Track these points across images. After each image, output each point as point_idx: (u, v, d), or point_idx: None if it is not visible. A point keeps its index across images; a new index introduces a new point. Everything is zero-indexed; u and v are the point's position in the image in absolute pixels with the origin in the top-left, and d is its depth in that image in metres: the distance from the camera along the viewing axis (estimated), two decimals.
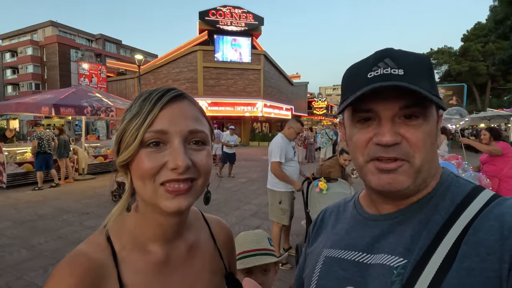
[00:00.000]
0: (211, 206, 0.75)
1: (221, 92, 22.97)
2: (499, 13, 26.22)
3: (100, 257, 0.50)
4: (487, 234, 0.43)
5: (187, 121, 0.51)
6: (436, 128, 0.52)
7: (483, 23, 33.93)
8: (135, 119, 0.49)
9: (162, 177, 0.48)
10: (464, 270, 0.42)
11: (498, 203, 0.46)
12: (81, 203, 6.01)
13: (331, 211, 0.72)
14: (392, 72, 0.48)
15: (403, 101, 0.48)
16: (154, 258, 0.55)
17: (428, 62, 0.51)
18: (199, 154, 0.51)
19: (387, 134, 0.48)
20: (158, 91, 0.52)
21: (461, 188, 0.52)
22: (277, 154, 3.30)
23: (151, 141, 0.49)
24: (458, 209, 0.48)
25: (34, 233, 4.35)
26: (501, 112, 16.70)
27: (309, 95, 40.61)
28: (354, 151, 0.54)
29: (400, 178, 0.49)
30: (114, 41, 47.68)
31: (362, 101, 0.50)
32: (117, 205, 0.54)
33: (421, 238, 0.48)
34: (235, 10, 23.75)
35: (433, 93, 0.49)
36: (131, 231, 0.55)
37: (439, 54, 37.24)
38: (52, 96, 8.16)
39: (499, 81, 34.24)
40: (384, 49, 0.52)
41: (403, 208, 0.53)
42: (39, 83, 41.31)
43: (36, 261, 3.46)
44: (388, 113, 0.49)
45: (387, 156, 0.49)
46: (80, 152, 8.98)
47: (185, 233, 0.61)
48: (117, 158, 0.52)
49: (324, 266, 0.60)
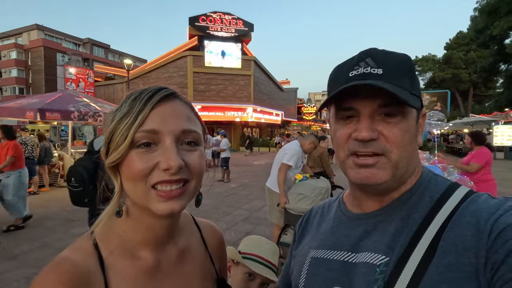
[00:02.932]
0: (201, 212, 0.74)
1: (211, 97, 22.92)
2: (479, 23, 27.38)
3: (86, 264, 0.48)
4: (464, 230, 0.44)
5: (179, 120, 0.49)
6: (415, 125, 0.53)
7: (465, 32, 35.30)
8: (125, 119, 0.47)
9: (154, 178, 0.46)
10: (443, 265, 0.43)
11: (473, 199, 0.48)
12: (66, 210, 5.83)
13: (316, 211, 0.73)
14: (372, 71, 0.50)
15: (380, 100, 0.49)
16: (144, 263, 0.53)
17: (409, 62, 0.53)
18: (192, 154, 0.50)
19: (364, 130, 0.50)
20: (149, 90, 0.50)
21: (438, 185, 0.53)
22: (291, 158, 3.45)
23: (142, 141, 0.47)
24: (436, 206, 0.50)
25: (17, 242, 4.19)
26: (483, 117, 17.31)
27: (299, 100, 41.05)
28: (337, 147, 0.56)
29: (378, 172, 0.50)
30: (102, 45, 47.02)
31: (344, 99, 0.52)
32: (106, 209, 0.52)
33: (402, 236, 0.49)
34: (225, 16, 23.88)
35: (413, 92, 0.51)
36: (119, 235, 0.53)
37: (423, 61, 38.46)
38: (38, 100, 7.94)
39: (481, 88, 35.61)
40: (368, 49, 0.54)
41: (385, 206, 0.55)
42: (23, 87, 40.15)
43: (19, 271, 3.33)
44: (367, 110, 0.50)
45: (365, 151, 0.50)
46: (66, 158, 8.75)
47: (176, 238, 0.60)
48: (106, 159, 0.50)
49: (311, 267, 0.60)
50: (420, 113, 0.55)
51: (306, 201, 3.03)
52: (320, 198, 3.00)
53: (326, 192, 3.07)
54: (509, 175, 10.73)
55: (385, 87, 0.47)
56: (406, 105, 0.48)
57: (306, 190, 3.07)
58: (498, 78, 32.47)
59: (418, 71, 38.98)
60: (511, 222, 0.41)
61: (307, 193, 3.04)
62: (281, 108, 29.41)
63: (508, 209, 0.43)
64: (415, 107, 0.50)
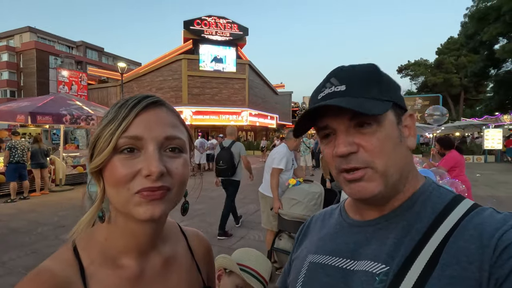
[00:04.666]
0: (196, 216, 0.73)
1: (206, 101, 22.90)
2: (469, 29, 27.97)
3: (66, 274, 0.47)
4: (467, 243, 0.44)
5: (164, 127, 0.50)
6: (397, 130, 0.53)
7: (456, 37, 36.03)
8: (110, 125, 0.48)
9: (136, 185, 0.46)
10: (445, 278, 0.43)
11: (477, 212, 0.48)
12: (57, 216, 5.73)
13: (317, 218, 0.73)
14: (335, 90, 0.53)
15: (349, 114, 0.50)
16: (127, 272, 0.52)
17: (373, 69, 0.54)
18: (175, 162, 0.50)
19: (341, 145, 0.51)
20: (135, 98, 0.51)
21: (441, 197, 0.53)
22: (280, 161, 3.47)
23: (125, 147, 0.47)
24: (439, 217, 0.49)
25: (5, 249, 4.09)
26: (474, 121, 17.61)
27: (293, 104, 41.29)
28: (328, 165, 0.57)
29: (368, 185, 0.50)
30: (96, 48, 46.74)
31: (320, 118, 0.54)
32: (85, 214, 0.51)
33: (403, 245, 0.49)
34: (220, 20, 23.99)
35: (383, 98, 0.51)
36: (101, 243, 0.52)
37: (416, 66, 39.07)
38: (29, 103, 7.83)
39: (472, 92, 36.27)
40: (335, 68, 0.57)
41: (386, 214, 0.54)
42: (15, 90, 39.63)
43: (7, 278, 3.24)
44: (341, 126, 0.52)
45: (348, 166, 0.51)
46: (58, 162, 8.61)
47: (161, 246, 0.59)
48: (89, 164, 0.50)
49: (309, 272, 0.60)
50: (403, 115, 0.55)
51: (299, 207, 3.01)
52: (313, 203, 2.99)
53: (320, 197, 3.06)
54: (501, 178, 10.91)
55: (341, 105, 0.48)
56: (365, 115, 0.48)
57: (299, 196, 3.06)
58: (488, 82, 33.14)
59: (410, 75, 39.57)
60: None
61: (300, 199, 3.03)
62: (276, 111, 29.53)
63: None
64: (379, 113, 0.49)
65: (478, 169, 13.32)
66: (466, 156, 15.15)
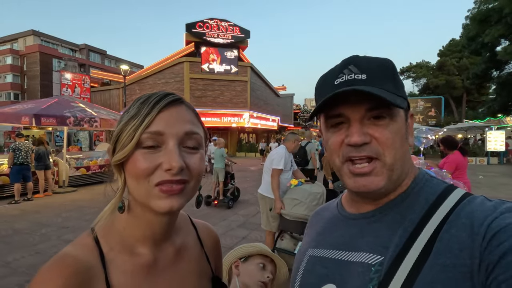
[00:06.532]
0: (197, 217, 0.77)
1: (207, 103, 22.96)
2: (471, 31, 27.85)
3: (88, 259, 0.50)
4: (459, 231, 0.45)
5: (183, 124, 0.52)
6: (405, 127, 0.54)
7: (457, 39, 35.91)
8: (133, 120, 0.50)
9: (156, 178, 0.49)
10: (438, 266, 0.43)
11: (469, 201, 0.49)
12: (61, 217, 5.77)
13: (317, 213, 0.75)
14: (356, 77, 0.52)
15: (368, 104, 0.51)
16: (142, 260, 0.55)
17: (391, 65, 0.54)
18: (193, 157, 0.53)
19: (356, 134, 0.51)
20: (157, 95, 0.53)
21: (434, 187, 0.54)
22: (279, 162, 3.50)
23: (147, 142, 0.50)
24: (432, 207, 0.50)
25: (9, 249, 4.13)
26: (476, 123, 17.54)
27: (295, 106, 41.28)
28: (331, 154, 0.57)
29: (375, 179, 0.51)
30: (99, 51, 47.02)
31: (332, 107, 0.53)
32: (108, 205, 0.54)
33: (397, 236, 0.50)
34: (221, 23, 24.08)
35: (398, 94, 0.52)
36: (119, 232, 0.56)
37: (417, 68, 38.93)
38: (33, 105, 7.90)
39: (474, 94, 36.08)
40: (350, 56, 0.56)
41: (381, 206, 0.56)
42: (19, 93, 39.91)
43: (11, 278, 3.28)
44: (356, 115, 0.52)
45: (359, 155, 0.51)
46: (61, 164, 8.66)
47: (174, 236, 0.62)
48: (112, 158, 0.53)
49: (308, 265, 0.62)
50: (408, 113, 0.57)
51: (301, 207, 3.03)
52: (314, 203, 3.01)
53: (321, 197, 3.08)
54: (503, 180, 10.86)
55: (373, 91, 0.48)
56: (394, 106, 0.49)
57: (301, 196, 3.08)
58: (491, 84, 32.94)
59: (412, 77, 39.41)
60: (505, 225, 0.41)
61: (302, 199, 3.05)
62: (277, 113, 29.53)
63: (503, 212, 0.44)
64: (403, 107, 0.51)
65: (481, 171, 13.27)
66: (469, 158, 15.07)
